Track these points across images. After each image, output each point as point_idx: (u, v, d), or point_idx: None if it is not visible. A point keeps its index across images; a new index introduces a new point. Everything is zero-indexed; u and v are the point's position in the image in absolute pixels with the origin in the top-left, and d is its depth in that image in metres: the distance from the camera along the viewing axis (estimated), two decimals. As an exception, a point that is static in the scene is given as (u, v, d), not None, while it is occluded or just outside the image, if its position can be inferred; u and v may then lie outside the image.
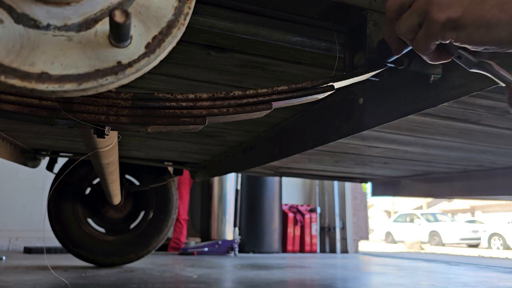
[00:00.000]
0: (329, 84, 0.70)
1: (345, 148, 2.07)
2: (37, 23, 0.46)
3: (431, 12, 0.55)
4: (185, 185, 5.20)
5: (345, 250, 6.19)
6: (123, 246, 3.02)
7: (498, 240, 13.02)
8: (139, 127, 0.60)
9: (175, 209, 3.15)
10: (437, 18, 0.55)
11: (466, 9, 0.53)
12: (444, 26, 0.55)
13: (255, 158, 2.14)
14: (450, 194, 2.75)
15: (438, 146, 1.91)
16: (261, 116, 0.66)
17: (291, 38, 0.85)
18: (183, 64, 1.18)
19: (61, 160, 2.97)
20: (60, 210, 2.91)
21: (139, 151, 2.64)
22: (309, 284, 2.63)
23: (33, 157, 2.76)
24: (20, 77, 0.43)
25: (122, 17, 0.42)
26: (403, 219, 16.64)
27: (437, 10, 0.55)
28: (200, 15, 0.79)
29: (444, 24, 0.55)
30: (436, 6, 0.55)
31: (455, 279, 3.17)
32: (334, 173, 3.12)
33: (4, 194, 4.81)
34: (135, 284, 2.31)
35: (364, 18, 0.75)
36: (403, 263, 4.80)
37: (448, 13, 0.54)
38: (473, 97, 1.23)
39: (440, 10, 0.55)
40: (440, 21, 0.55)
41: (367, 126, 1.24)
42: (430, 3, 0.56)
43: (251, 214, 5.60)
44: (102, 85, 0.45)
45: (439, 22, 0.55)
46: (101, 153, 1.26)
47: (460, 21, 0.54)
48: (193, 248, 4.82)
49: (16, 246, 4.78)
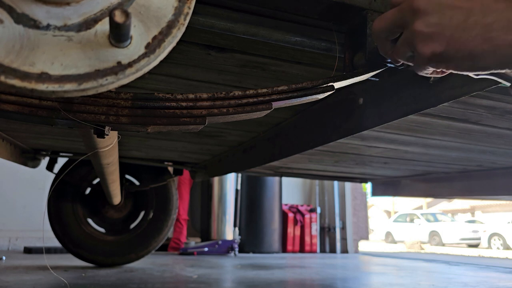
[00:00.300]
0: (329, 84, 0.70)
1: (345, 148, 2.07)
2: (37, 23, 0.46)
3: (417, 47, 0.55)
4: (185, 185, 5.20)
5: (345, 250, 6.19)
6: (123, 246, 3.02)
7: (498, 240, 13.02)
8: (139, 127, 0.60)
9: (175, 209, 3.15)
10: (422, 53, 0.54)
11: (449, 41, 0.52)
12: (431, 60, 0.54)
13: (255, 158, 2.14)
14: (450, 194, 2.75)
15: (438, 146, 1.91)
16: (261, 116, 0.66)
17: (291, 38, 0.85)
18: (183, 64, 1.18)
19: (61, 160, 2.97)
20: (60, 210, 2.91)
21: (139, 151, 2.64)
22: (309, 284, 2.63)
23: (33, 157, 2.76)
24: (20, 77, 0.43)
25: (122, 17, 0.42)
26: (403, 219, 16.64)
27: (421, 45, 0.54)
28: (200, 15, 0.79)
29: (430, 58, 0.54)
30: (420, 41, 0.54)
31: (455, 279, 3.17)
32: (334, 173, 3.12)
33: (4, 194, 4.81)
34: (135, 284, 2.31)
35: (364, 18, 0.75)
36: (403, 263, 4.80)
37: (431, 47, 0.53)
38: (473, 97, 1.23)
39: (424, 45, 0.54)
40: (425, 56, 0.54)
41: (367, 126, 1.24)
42: (413, 35, 0.55)
43: (251, 214, 5.60)
44: (102, 85, 0.45)
45: (425, 57, 0.54)
46: (101, 153, 1.26)
47: (444, 54, 0.53)
48: (193, 248, 4.82)
49: (16, 246, 4.78)
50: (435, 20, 0.52)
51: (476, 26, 0.50)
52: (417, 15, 0.54)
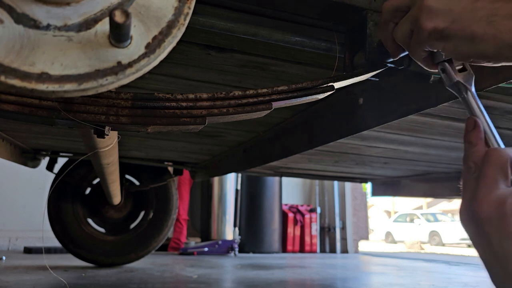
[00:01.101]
0: (329, 84, 0.70)
1: (345, 148, 2.07)
2: (37, 23, 0.46)
3: (420, 20, 0.55)
4: (185, 185, 5.20)
5: (345, 250, 6.19)
6: (123, 246, 3.02)
7: (498, 240, 13.01)
8: (139, 127, 0.60)
9: (175, 209, 3.15)
10: (424, 27, 0.54)
11: (455, 19, 0.52)
12: (430, 35, 0.54)
13: (255, 158, 2.14)
14: (450, 194, 2.75)
15: (438, 146, 1.91)
16: (261, 116, 0.66)
17: (291, 38, 0.85)
18: (183, 64, 1.18)
19: (61, 160, 2.97)
20: (60, 210, 2.91)
21: (139, 151, 2.64)
22: (309, 284, 2.63)
23: (33, 157, 2.76)
24: (20, 77, 0.43)
25: (122, 17, 0.42)
26: (403, 219, 16.64)
27: (425, 18, 0.54)
28: (200, 15, 0.79)
29: (430, 33, 0.54)
30: (426, 14, 0.54)
31: (455, 279, 3.17)
32: (334, 173, 3.12)
33: (4, 194, 4.81)
34: (135, 284, 2.31)
35: (364, 18, 0.75)
36: (403, 263, 4.80)
37: (435, 23, 0.53)
38: (473, 97, 1.22)
39: (428, 19, 0.54)
40: (426, 30, 0.54)
41: (367, 126, 1.24)
42: (420, 10, 0.55)
43: (251, 214, 5.60)
44: (102, 85, 0.45)
45: (426, 31, 0.54)
46: (101, 153, 1.26)
47: (446, 31, 0.53)
48: (193, 248, 4.82)
49: (16, 246, 4.78)
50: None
51: (483, 9, 0.50)
52: None
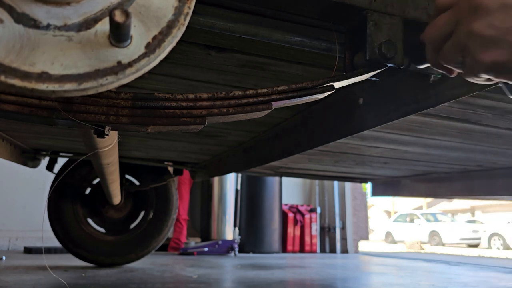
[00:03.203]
0: (329, 84, 0.70)
1: (345, 148, 2.07)
2: (37, 23, 0.46)
3: (474, 51, 0.47)
4: (185, 185, 5.20)
5: (345, 250, 6.19)
6: (123, 246, 3.02)
7: (498, 240, 13.02)
8: (139, 127, 0.60)
9: (175, 209, 3.15)
10: (481, 60, 0.47)
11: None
12: (490, 69, 0.47)
13: (255, 158, 2.14)
14: (450, 194, 2.75)
15: (438, 146, 1.91)
16: (261, 116, 0.66)
17: (291, 38, 0.85)
18: (183, 64, 1.18)
19: (61, 160, 2.96)
20: (60, 210, 2.91)
21: (139, 151, 2.64)
22: (309, 284, 2.63)
23: (33, 157, 2.76)
24: (20, 77, 0.43)
25: (122, 17, 0.42)
26: (403, 219, 16.64)
27: (480, 49, 0.46)
28: (200, 15, 0.79)
29: (489, 67, 0.47)
30: (479, 44, 0.46)
31: (455, 279, 3.17)
32: (334, 173, 3.12)
33: (4, 194, 4.81)
34: (135, 284, 2.31)
35: (364, 18, 0.75)
36: (403, 263, 4.80)
37: (493, 55, 0.46)
38: (473, 97, 1.23)
39: (483, 50, 0.46)
40: (484, 64, 0.47)
41: (367, 126, 1.24)
42: (471, 38, 0.47)
43: (251, 214, 5.60)
44: (102, 85, 0.45)
45: (484, 65, 0.47)
46: (101, 153, 1.26)
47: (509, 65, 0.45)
48: (193, 248, 4.82)
49: (16, 246, 4.78)
50: (498, 22, 0.45)
51: None
52: (476, 13, 0.46)
